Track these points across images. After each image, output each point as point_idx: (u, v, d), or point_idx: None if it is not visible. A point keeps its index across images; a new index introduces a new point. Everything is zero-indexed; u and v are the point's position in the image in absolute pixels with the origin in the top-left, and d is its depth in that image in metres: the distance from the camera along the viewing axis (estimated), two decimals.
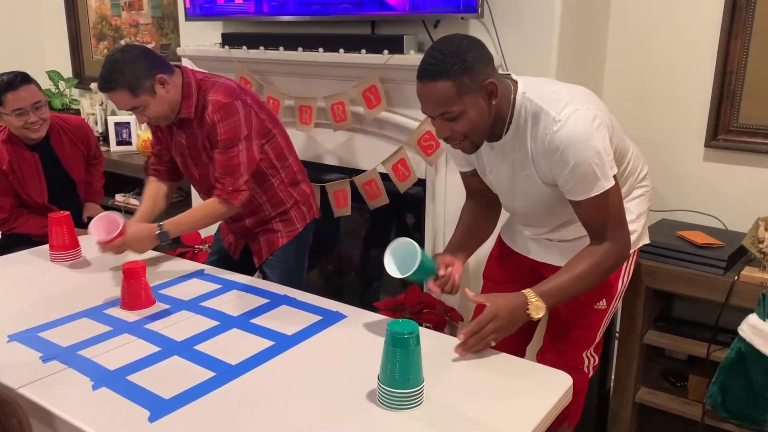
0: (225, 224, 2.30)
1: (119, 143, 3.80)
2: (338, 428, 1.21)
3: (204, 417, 1.24)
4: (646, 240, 1.85)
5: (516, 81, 1.54)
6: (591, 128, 1.45)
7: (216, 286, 1.85)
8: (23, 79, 2.47)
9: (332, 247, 3.02)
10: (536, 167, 1.54)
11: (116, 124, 3.77)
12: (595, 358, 1.89)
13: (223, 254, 2.33)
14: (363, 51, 2.38)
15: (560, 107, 1.46)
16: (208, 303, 1.74)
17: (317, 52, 2.49)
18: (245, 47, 2.70)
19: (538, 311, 1.48)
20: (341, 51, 2.44)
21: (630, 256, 1.78)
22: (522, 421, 1.23)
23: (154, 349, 1.49)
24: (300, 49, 2.54)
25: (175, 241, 3.41)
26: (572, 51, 2.19)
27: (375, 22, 2.47)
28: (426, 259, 1.55)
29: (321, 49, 2.49)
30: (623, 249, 1.56)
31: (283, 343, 1.51)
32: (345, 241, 3.02)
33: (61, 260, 2.04)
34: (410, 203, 2.63)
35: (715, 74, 2.20)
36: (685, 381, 2.18)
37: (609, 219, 1.52)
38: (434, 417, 1.24)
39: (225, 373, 1.38)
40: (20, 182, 2.58)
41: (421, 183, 2.51)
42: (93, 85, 4.00)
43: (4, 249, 2.35)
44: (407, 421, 1.22)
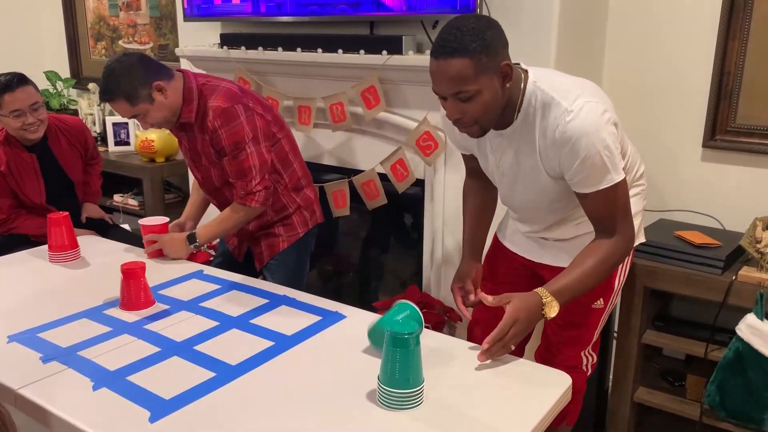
0: None
1: (117, 143, 3.79)
2: (338, 428, 1.21)
3: (204, 417, 1.24)
4: (642, 239, 1.86)
5: (526, 70, 1.53)
6: (602, 121, 1.44)
7: (215, 287, 1.85)
8: (20, 80, 2.46)
9: (331, 248, 3.02)
10: (543, 158, 1.53)
11: (114, 125, 3.76)
12: (594, 357, 1.89)
13: (228, 257, 2.33)
14: (362, 51, 2.39)
15: (572, 98, 1.45)
16: (208, 303, 1.74)
17: (316, 53, 2.50)
18: (244, 48, 2.70)
19: (552, 310, 1.47)
20: (340, 51, 2.44)
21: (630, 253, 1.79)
22: (521, 421, 1.23)
23: (154, 350, 1.49)
24: (299, 50, 2.54)
25: None
26: (570, 51, 2.20)
27: (374, 23, 2.48)
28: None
29: (320, 50, 2.49)
30: (629, 242, 1.55)
31: (283, 344, 1.51)
32: (344, 241, 3.02)
33: (60, 261, 2.05)
34: (409, 203, 2.64)
35: (713, 75, 2.20)
36: (684, 380, 2.19)
37: (617, 212, 1.51)
38: (434, 417, 1.24)
39: (225, 374, 1.38)
40: (18, 183, 2.58)
41: (420, 183, 2.51)
42: (91, 86, 3.99)
43: (3, 249, 2.35)
44: (407, 421, 1.23)
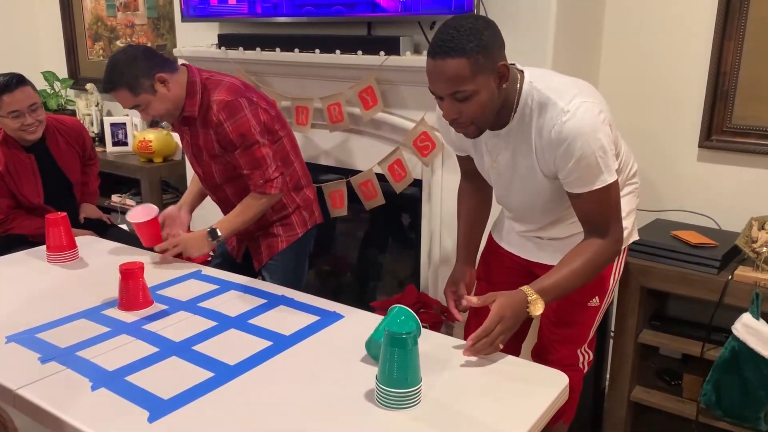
0: None
1: (115, 144, 3.79)
2: (337, 428, 1.21)
3: (203, 417, 1.24)
4: (636, 237, 1.86)
5: (522, 70, 1.53)
6: (598, 121, 1.45)
7: (214, 287, 1.86)
8: (19, 81, 2.47)
9: (329, 248, 3.02)
10: (538, 158, 1.53)
11: (112, 125, 3.76)
12: (590, 354, 1.90)
13: (227, 257, 2.33)
14: (359, 52, 2.39)
15: (568, 98, 1.45)
16: (206, 303, 1.74)
17: (313, 53, 2.50)
18: (241, 48, 2.70)
19: (537, 308, 1.48)
20: (337, 52, 2.44)
21: (621, 252, 1.79)
22: (519, 420, 1.24)
23: (153, 350, 1.49)
24: (296, 50, 2.55)
25: None
26: (567, 52, 2.20)
27: (371, 24, 2.48)
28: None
29: (317, 50, 2.49)
30: (618, 244, 1.56)
31: (281, 344, 1.52)
32: (342, 242, 3.02)
33: (59, 261, 2.05)
34: (406, 204, 2.64)
35: (709, 75, 2.21)
36: (680, 380, 2.20)
37: (608, 213, 1.52)
38: (432, 416, 1.24)
39: (223, 374, 1.39)
40: (16, 183, 2.58)
41: (417, 183, 2.51)
42: (89, 86, 3.99)
43: (1, 250, 2.35)
44: (405, 421, 1.23)
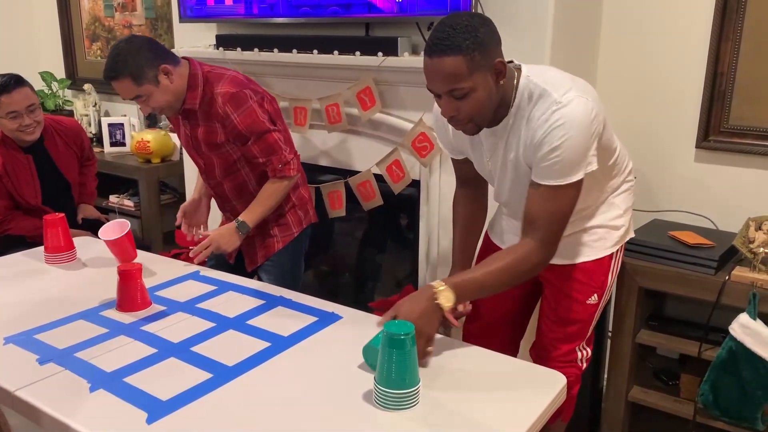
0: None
1: (113, 144, 3.78)
2: (335, 429, 1.22)
3: (202, 418, 1.25)
4: (632, 234, 1.87)
5: (519, 67, 1.54)
6: (588, 119, 1.45)
7: (212, 288, 1.86)
8: (17, 82, 2.47)
9: (327, 248, 3.02)
10: (523, 148, 1.53)
11: (110, 125, 3.76)
12: (588, 351, 1.90)
13: (222, 259, 2.32)
14: (357, 53, 2.39)
15: (563, 91, 1.46)
16: (204, 304, 1.74)
17: (311, 54, 2.50)
18: (239, 49, 2.70)
19: (448, 300, 1.44)
20: (335, 53, 2.44)
21: (618, 250, 1.80)
22: (517, 421, 1.24)
23: (151, 351, 1.49)
24: (294, 51, 2.55)
25: (170, 243, 3.42)
26: (565, 52, 2.21)
27: (369, 24, 2.48)
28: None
29: (315, 51, 2.49)
30: (545, 256, 1.52)
31: (280, 344, 1.52)
32: (340, 242, 3.02)
33: (57, 262, 2.05)
34: (404, 204, 2.64)
35: (706, 76, 2.22)
36: (677, 380, 2.20)
37: (554, 218, 1.49)
38: (430, 417, 1.25)
39: (222, 375, 1.39)
40: (14, 184, 2.58)
41: (416, 184, 2.52)
42: (86, 86, 3.99)
43: None
44: (404, 422, 1.23)
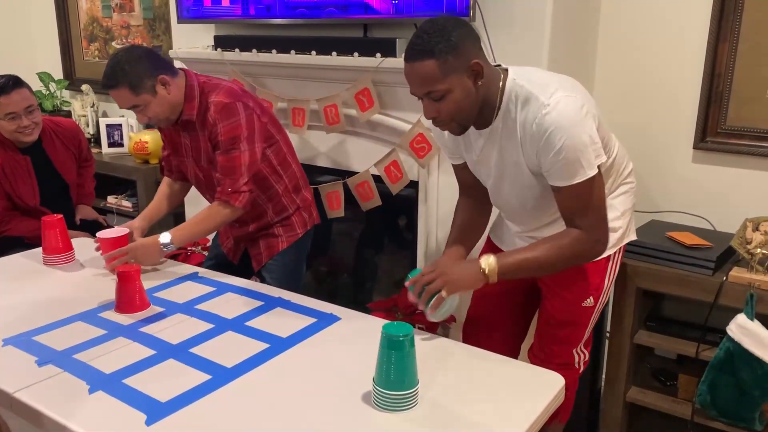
0: (228, 228, 2.29)
1: (111, 145, 3.78)
2: (334, 430, 1.22)
3: (201, 420, 1.25)
4: (633, 237, 1.86)
5: (506, 69, 1.55)
6: (579, 115, 1.46)
7: (210, 289, 1.86)
8: (15, 83, 2.46)
9: (325, 249, 3.02)
10: (524, 153, 1.54)
11: (108, 126, 3.76)
12: (586, 354, 1.90)
13: (222, 259, 2.33)
14: (355, 54, 2.39)
15: (549, 93, 1.47)
16: (203, 306, 1.74)
17: (310, 55, 2.50)
18: (238, 50, 2.70)
19: (490, 266, 1.52)
20: (334, 54, 2.45)
21: (616, 253, 1.79)
22: (515, 422, 1.24)
23: (150, 353, 1.49)
24: (293, 52, 2.55)
25: None
26: (563, 54, 2.21)
27: (367, 26, 2.48)
28: None
29: (313, 52, 2.49)
30: (596, 243, 1.54)
31: (279, 346, 1.52)
32: (338, 243, 3.02)
33: (55, 263, 2.04)
34: (403, 205, 2.65)
35: (704, 77, 2.22)
36: (675, 380, 2.21)
37: (588, 209, 1.51)
38: (429, 418, 1.25)
39: (221, 376, 1.39)
40: (12, 185, 2.57)
41: (414, 185, 2.52)
42: (84, 87, 3.98)
43: None
44: (402, 423, 1.24)
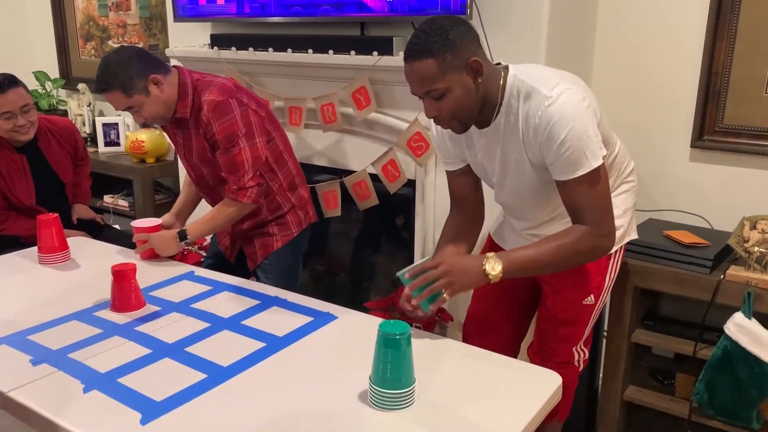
0: None
1: (107, 144, 3.77)
2: (330, 429, 1.21)
3: (196, 419, 1.24)
4: (634, 235, 1.86)
5: (507, 67, 1.56)
6: (581, 107, 1.46)
7: (206, 288, 1.85)
8: (11, 82, 2.45)
9: (322, 248, 3.02)
10: (526, 147, 1.54)
11: (104, 125, 3.74)
12: (585, 352, 1.90)
13: (219, 258, 2.32)
14: (352, 52, 2.39)
15: (551, 86, 1.48)
16: (199, 305, 1.74)
17: (306, 54, 2.50)
18: (234, 48, 2.69)
19: (494, 269, 1.49)
20: (330, 52, 2.44)
21: (617, 252, 1.79)
22: (512, 421, 1.24)
23: (145, 352, 1.48)
24: (289, 51, 2.54)
25: None
26: (560, 52, 2.21)
27: (364, 24, 2.48)
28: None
29: (310, 51, 2.49)
30: (603, 238, 1.52)
31: (275, 345, 1.51)
32: (335, 242, 3.02)
33: (50, 262, 2.03)
34: (400, 204, 2.64)
35: (701, 75, 2.22)
36: (673, 379, 2.21)
37: (592, 202, 1.50)
38: (426, 417, 1.25)
39: (217, 375, 1.38)
40: (8, 184, 2.57)
41: (411, 184, 2.51)
42: (80, 86, 3.97)
43: None
44: (399, 422, 1.23)
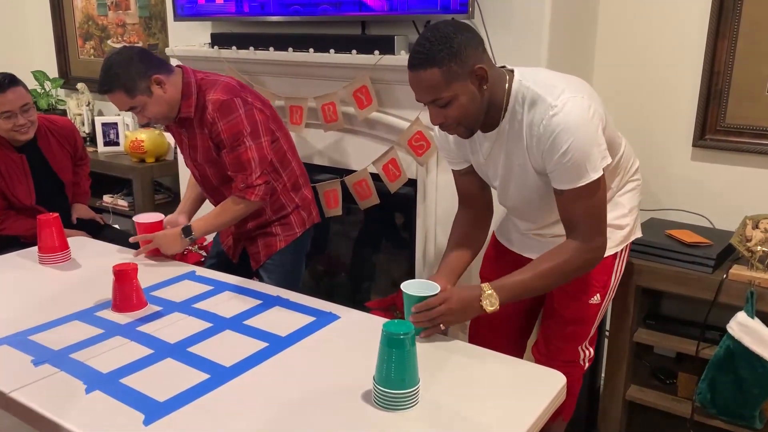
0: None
1: (107, 144, 3.75)
2: (334, 429, 1.21)
3: (199, 419, 1.24)
4: (639, 234, 1.86)
5: (512, 70, 1.55)
6: (586, 116, 1.46)
7: (208, 288, 1.85)
8: (11, 81, 2.45)
9: (323, 248, 3.01)
10: (530, 154, 1.54)
11: (103, 125, 3.73)
12: (590, 351, 1.90)
13: (222, 257, 2.32)
14: (353, 51, 2.38)
15: (557, 93, 1.47)
16: (201, 305, 1.73)
17: (307, 53, 2.49)
18: (234, 47, 2.69)
19: (492, 305, 1.49)
20: (332, 51, 2.43)
21: (622, 250, 1.79)
22: (517, 421, 1.23)
23: (147, 352, 1.48)
24: (290, 50, 2.54)
25: None
26: (562, 52, 2.20)
27: (365, 23, 2.47)
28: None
29: (311, 50, 2.48)
30: (594, 251, 1.53)
31: (277, 345, 1.51)
32: (336, 242, 3.01)
33: (51, 262, 2.03)
34: (401, 203, 2.63)
35: (703, 74, 2.22)
36: (675, 378, 2.21)
37: (589, 214, 1.50)
38: (429, 417, 1.24)
39: (219, 375, 1.38)
40: (7, 184, 2.56)
41: (412, 183, 2.51)
42: (79, 86, 3.96)
43: None
44: (403, 422, 1.23)
